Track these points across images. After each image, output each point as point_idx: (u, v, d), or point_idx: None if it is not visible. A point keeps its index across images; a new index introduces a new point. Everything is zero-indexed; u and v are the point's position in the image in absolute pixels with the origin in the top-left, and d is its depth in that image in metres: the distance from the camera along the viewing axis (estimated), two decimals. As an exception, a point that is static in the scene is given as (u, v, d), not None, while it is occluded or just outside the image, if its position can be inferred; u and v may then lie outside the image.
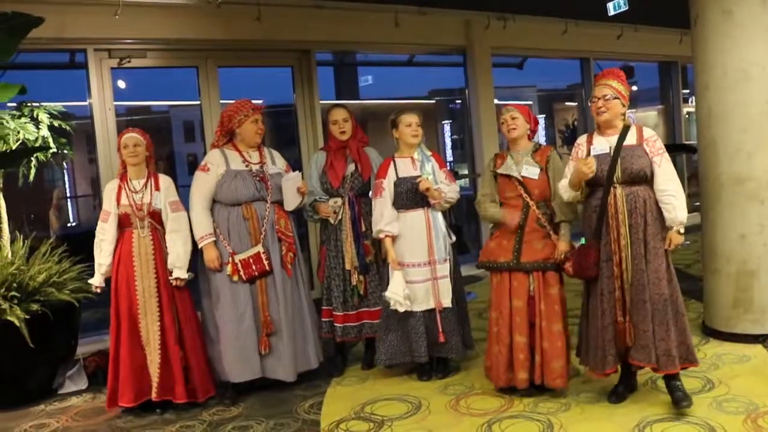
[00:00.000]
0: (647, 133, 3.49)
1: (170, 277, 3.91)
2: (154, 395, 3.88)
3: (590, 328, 3.55)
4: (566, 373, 3.71)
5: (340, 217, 4.31)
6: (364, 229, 4.30)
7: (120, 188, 3.92)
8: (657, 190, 3.40)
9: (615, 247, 3.42)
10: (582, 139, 3.62)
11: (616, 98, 3.42)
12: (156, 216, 3.94)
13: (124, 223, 3.91)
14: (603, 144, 3.48)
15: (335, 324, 4.32)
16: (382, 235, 4.07)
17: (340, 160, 4.34)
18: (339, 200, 4.32)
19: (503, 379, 3.78)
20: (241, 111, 4.07)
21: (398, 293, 3.95)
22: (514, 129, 3.80)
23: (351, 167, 4.35)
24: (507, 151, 3.91)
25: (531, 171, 3.74)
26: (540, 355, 3.69)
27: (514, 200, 3.77)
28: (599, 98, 3.44)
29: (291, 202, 4.10)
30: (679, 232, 3.37)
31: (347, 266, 4.27)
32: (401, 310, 3.97)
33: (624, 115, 3.48)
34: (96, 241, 3.94)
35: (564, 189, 3.57)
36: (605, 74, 3.52)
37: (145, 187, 3.95)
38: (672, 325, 3.36)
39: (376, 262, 4.34)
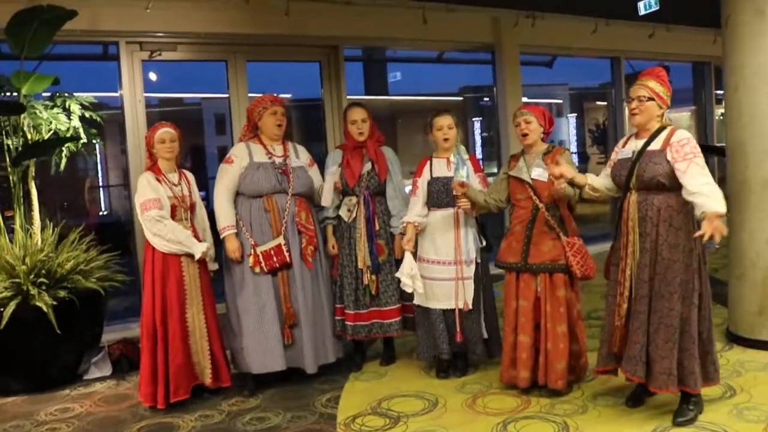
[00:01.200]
0: (676, 136, 3.22)
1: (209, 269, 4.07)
2: (209, 381, 3.94)
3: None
4: (566, 374, 3.72)
5: (354, 215, 4.32)
6: (377, 228, 4.31)
7: (159, 180, 3.92)
8: (687, 196, 3.10)
9: (623, 253, 3.36)
10: (621, 142, 3.54)
11: (651, 99, 3.27)
12: (193, 208, 4.03)
13: (170, 215, 3.92)
14: (631, 147, 3.38)
15: (346, 322, 4.32)
16: (404, 224, 4.13)
17: (357, 159, 4.35)
18: (354, 199, 4.33)
19: (506, 377, 3.88)
20: (260, 104, 4.13)
21: (403, 273, 4.02)
22: (527, 134, 3.79)
23: (368, 166, 4.36)
24: (521, 153, 3.91)
25: (540, 174, 3.73)
26: (544, 355, 3.72)
27: (524, 201, 3.79)
28: (634, 99, 3.31)
29: (327, 197, 4.14)
30: (719, 215, 2.94)
31: (360, 265, 4.28)
32: (407, 290, 4.05)
33: (661, 117, 3.32)
34: (161, 227, 3.78)
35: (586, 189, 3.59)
36: (644, 74, 3.37)
37: (181, 180, 4.02)
38: (676, 344, 3.22)
39: (388, 262, 4.34)
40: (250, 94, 6.15)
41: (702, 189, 3.04)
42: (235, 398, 4.05)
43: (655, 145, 3.27)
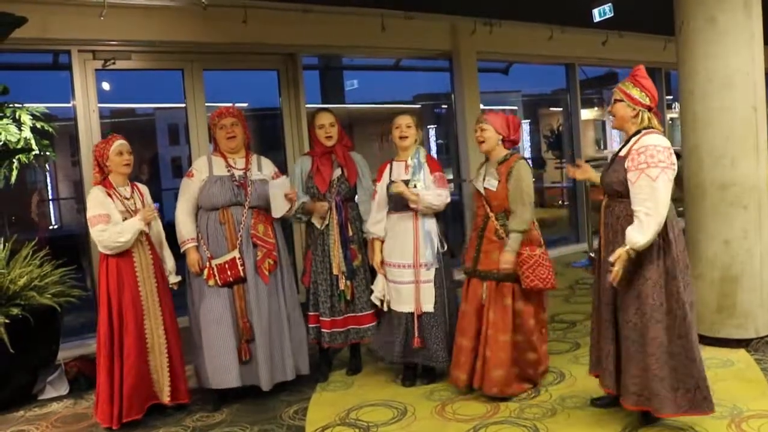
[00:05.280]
0: (639, 143, 3.07)
1: (170, 283, 3.97)
2: (167, 399, 3.82)
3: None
4: (508, 382, 3.74)
5: (327, 222, 4.29)
6: (351, 233, 4.29)
7: (110, 195, 3.80)
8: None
9: (603, 256, 3.30)
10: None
11: (621, 101, 3.19)
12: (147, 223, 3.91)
13: None
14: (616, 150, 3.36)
15: (322, 330, 4.29)
16: (369, 236, 4.15)
17: (327, 165, 4.32)
18: (326, 205, 4.29)
19: (452, 377, 3.94)
20: (212, 120, 4.14)
21: (381, 293, 4.13)
22: (483, 142, 3.85)
23: (337, 172, 4.33)
24: (485, 161, 3.96)
25: (490, 183, 3.80)
26: (482, 361, 3.75)
27: (480, 210, 3.88)
28: (611, 103, 3.31)
29: (279, 208, 4.05)
30: (628, 253, 3.01)
31: (334, 271, 4.25)
32: (385, 309, 4.13)
33: (637, 118, 3.16)
34: (105, 237, 3.65)
35: None
36: (628, 78, 3.26)
37: (133, 194, 3.91)
38: (640, 360, 3.21)
39: (362, 267, 4.33)
40: (207, 104, 6.05)
41: (643, 212, 2.97)
42: (199, 414, 3.95)
43: (624, 151, 3.18)
